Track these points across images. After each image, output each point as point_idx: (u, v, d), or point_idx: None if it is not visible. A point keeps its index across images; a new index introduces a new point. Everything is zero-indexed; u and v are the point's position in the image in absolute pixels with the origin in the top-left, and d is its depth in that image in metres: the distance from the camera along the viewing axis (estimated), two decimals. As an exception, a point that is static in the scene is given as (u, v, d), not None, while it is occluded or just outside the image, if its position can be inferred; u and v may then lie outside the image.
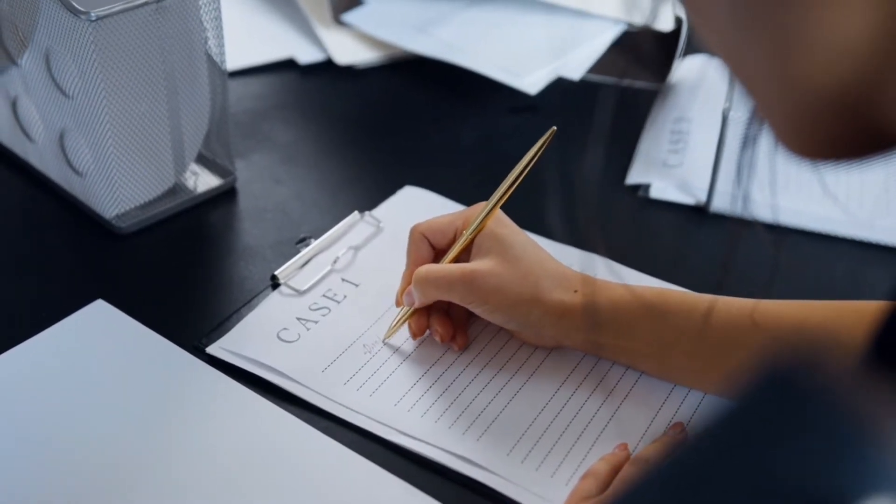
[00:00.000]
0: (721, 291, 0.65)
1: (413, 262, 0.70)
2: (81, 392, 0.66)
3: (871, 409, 0.25)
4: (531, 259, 0.67)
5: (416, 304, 0.69)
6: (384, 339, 0.71)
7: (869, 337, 0.34)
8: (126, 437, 0.63)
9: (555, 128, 0.67)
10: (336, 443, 0.63)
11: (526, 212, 0.71)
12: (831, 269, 0.81)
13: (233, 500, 0.59)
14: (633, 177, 0.90)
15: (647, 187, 0.89)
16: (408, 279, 0.69)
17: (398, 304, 0.71)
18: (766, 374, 0.26)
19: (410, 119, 1.00)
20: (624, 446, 0.63)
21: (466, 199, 0.81)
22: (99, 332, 0.70)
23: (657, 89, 1.02)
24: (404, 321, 0.70)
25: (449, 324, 0.70)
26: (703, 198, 0.86)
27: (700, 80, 1.04)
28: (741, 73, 0.35)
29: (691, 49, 1.04)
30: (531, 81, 0.98)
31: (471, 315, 0.70)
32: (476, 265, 0.66)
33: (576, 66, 0.99)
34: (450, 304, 0.69)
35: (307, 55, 1.07)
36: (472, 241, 0.68)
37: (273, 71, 1.05)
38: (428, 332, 0.70)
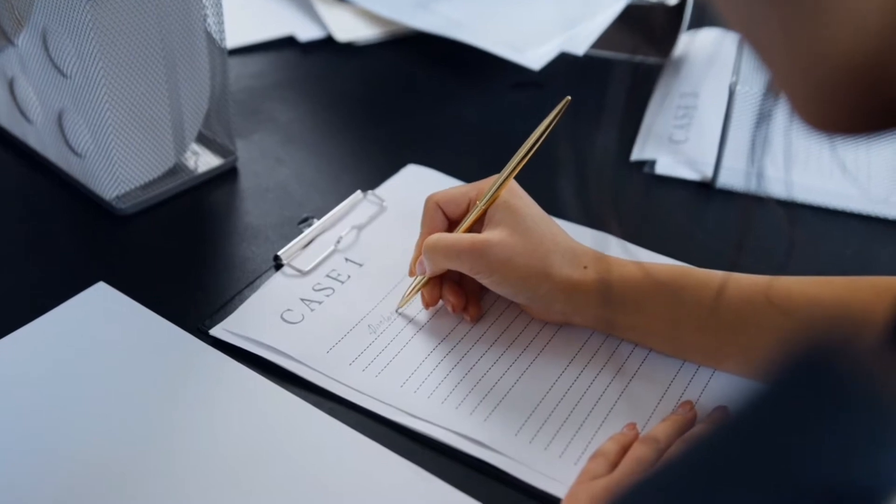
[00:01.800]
0: (736, 270, 0.65)
1: (427, 231, 0.70)
2: (83, 376, 0.65)
3: None
4: (543, 233, 0.66)
5: (428, 274, 0.69)
6: (397, 310, 0.71)
7: (892, 314, 0.33)
8: (129, 421, 0.62)
9: (569, 97, 0.66)
10: (342, 424, 0.62)
11: (534, 190, 0.70)
12: (843, 245, 0.80)
13: (238, 482, 0.59)
14: (638, 153, 0.89)
15: (652, 163, 0.88)
16: (421, 248, 0.69)
17: (411, 273, 0.71)
18: (796, 357, 0.25)
19: (412, 96, 0.99)
20: (633, 426, 0.62)
21: (470, 176, 0.80)
22: (100, 314, 0.70)
23: (661, 64, 1.01)
24: (417, 291, 0.70)
25: (461, 294, 0.69)
26: (709, 174, 0.86)
27: (705, 54, 1.03)
28: (758, 44, 0.34)
29: (695, 23, 1.03)
30: (535, 57, 0.97)
31: (483, 287, 0.69)
32: (486, 235, 0.66)
33: (580, 42, 0.98)
34: (462, 274, 0.69)
35: (307, 32, 1.06)
36: (485, 212, 0.68)
37: (272, 49, 1.04)
38: (441, 302, 0.70)
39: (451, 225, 0.70)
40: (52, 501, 0.58)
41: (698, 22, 1.03)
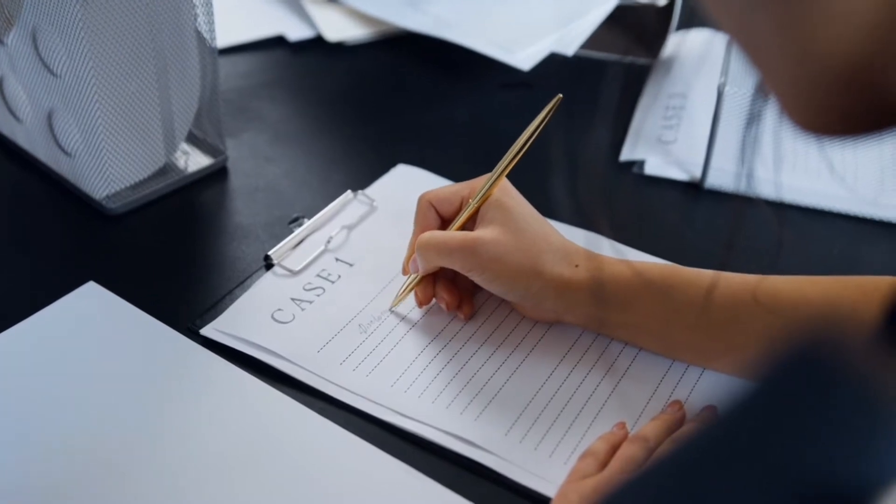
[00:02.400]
0: (726, 270, 0.65)
1: (420, 229, 0.70)
2: (73, 376, 0.65)
3: (893, 389, 0.24)
4: (535, 231, 0.66)
5: (421, 271, 0.69)
6: (391, 308, 0.71)
7: (883, 312, 0.33)
8: (120, 421, 0.62)
9: (560, 95, 0.66)
10: (333, 424, 0.62)
11: (526, 190, 0.70)
12: (830, 245, 0.80)
13: (228, 482, 0.59)
14: (628, 153, 0.90)
15: (641, 164, 0.88)
16: (414, 246, 0.69)
17: (404, 271, 0.71)
18: (785, 356, 0.26)
19: (402, 96, 0.99)
20: (622, 425, 0.62)
21: (460, 176, 0.80)
22: (91, 314, 0.70)
23: (650, 64, 1.02)
24: (411, 289, 0.70)
25: (455, 292, 0.70)
26: (697, 174, 0.86)
27: (694, 55, 1.04)
28: (748, 45, 0.34)
29: (684, 24, 1.03)
30: (524, 57, 0.97)
31: (476, 285, 0.69)
32: (479, 233, 0.66)
33: (569, 42, 0.98)
34: (456, 273, 0.69)
35: (297, 32, 1.06)
36: (477, 210, 0.68)
37: (262, 48, 1.04)
38: (433, 301, 0.70)
39: (444, 223, 0.71)
40: (43, 503, 0.58)
41: (687, 23, 1.04)
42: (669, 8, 1.01)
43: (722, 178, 0.85)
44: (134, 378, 0.65)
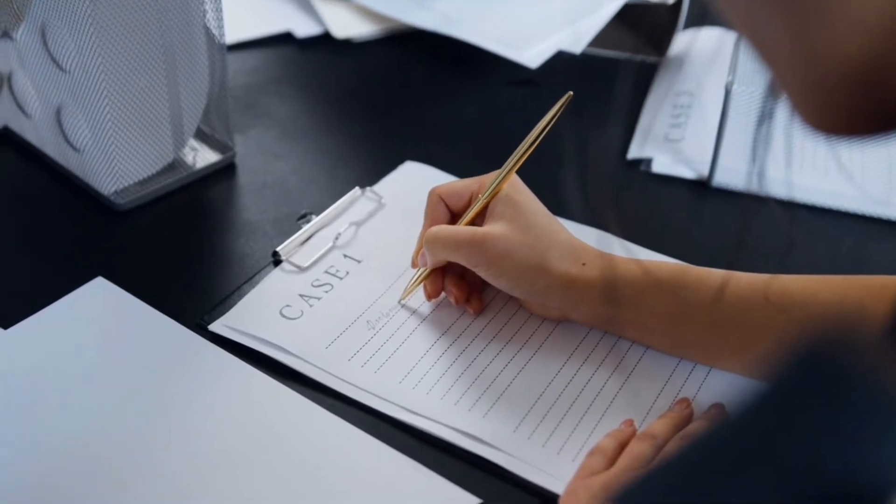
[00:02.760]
0: (734, 268, 0.65)
1: (429, 223, 0.70)
2: (82, 371, 0.65)
3: None
4: (543, 228, 0.66)
5: (428, 265, 0.69)
6: (400, 301, 0.71)
7: (893, 311, 0.33)
8: (129, 416, 0.62)
9: (571, 93, 0.66)
10: (341, 420, 0.62)
11: (536, 187, 0.70)
12: (838, 244, 0.80)
13: (237, 478, 0.59)
14: (635, 151, 0.89)
15: (648, 162, 0.88)
16: (423, 240, 0.69)
17: (414, 265, 0.72)
18: (796, 355, 0.26)
19: (409, 93, 0.99)
20: (630, 422, 0.63)
21: (467, 173, 0.80)
22: (99, 309, 0.70)
23: (658, 63, 1.02)
24: (419, 283, 0.70)
25: (464, 286, 0.70)
26: (705, 172, 0.86)
27: (701, 53, 1.04)
28: (760, 44, 0.34)
29: (691, 22, 1.03)
30: (532, 55, 0.97)
31: (485, 281, 0.69)
32: (486, 229, 0.66)
33: (577, 40, 0.98)
34: (465, 268, 0.69)
35: (304, 28, 1.06)
36: (487, 206, 0.68)
37: (270, 44, 1.04)
38: (442, 295, 0.71)
39: (454, 218, 0.71)
40: (53, 498, 0.58)
41: (695, 21, 1.04)
42: (677, 6, 1.01)
43: (729, 176, 0.85)
44: (142, 373, 0.65)
